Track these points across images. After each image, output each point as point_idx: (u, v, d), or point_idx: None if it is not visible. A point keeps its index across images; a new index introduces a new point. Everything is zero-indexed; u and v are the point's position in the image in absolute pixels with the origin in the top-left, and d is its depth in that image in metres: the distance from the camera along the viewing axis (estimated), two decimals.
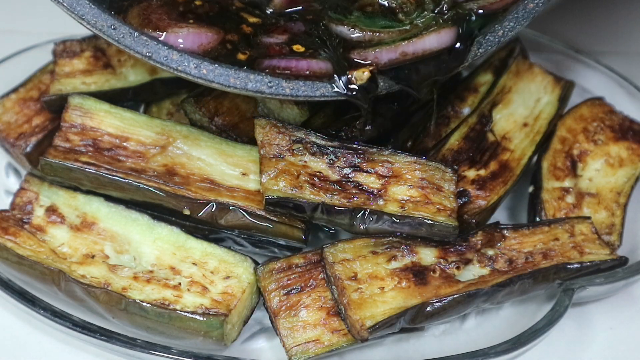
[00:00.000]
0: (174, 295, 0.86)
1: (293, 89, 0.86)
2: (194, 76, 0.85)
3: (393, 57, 0.88)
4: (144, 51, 0.84)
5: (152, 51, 0.84)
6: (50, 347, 0.91)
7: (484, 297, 0.87)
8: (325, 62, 0.88)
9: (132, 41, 0.83)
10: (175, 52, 0.84)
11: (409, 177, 0.92)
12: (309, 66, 0.87)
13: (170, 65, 0.84)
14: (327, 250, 0.87)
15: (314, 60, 0.88)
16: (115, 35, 0.83)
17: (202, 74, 0.85)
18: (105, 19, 0.83)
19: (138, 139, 0.95)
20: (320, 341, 0.86)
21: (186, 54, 0.84)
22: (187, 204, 0.91)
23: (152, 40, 0.84)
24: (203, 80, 0.85)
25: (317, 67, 0.88)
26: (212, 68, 0.85)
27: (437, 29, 0.89)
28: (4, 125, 1.04)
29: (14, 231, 0.92)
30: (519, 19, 0.92)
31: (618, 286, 0.94)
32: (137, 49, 0.84)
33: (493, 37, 0.92)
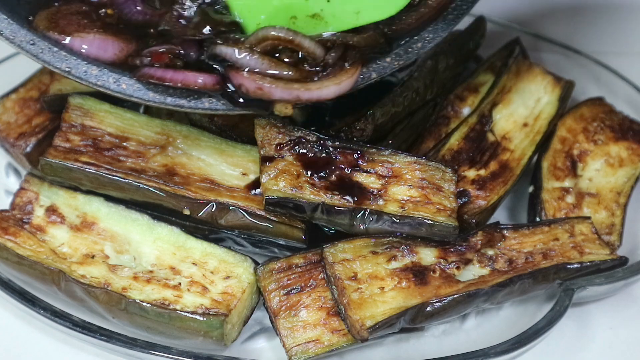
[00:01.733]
0: (174, 295, 0.86)
1: (193, 102, 0.85)
2: (113, 91, 0.85)
3: (286, 98, 0.84)
4: (63, 66, 0.84)
5: (71, 66, 0.84)
6: (50, 347, 0.91)
7: (484, 297, 0.87)
8: (210, 76, 0.85)
9: (51, 56, 0.84)
10: (95, 67, 0.84)
11: (409, 177, 0.92)
12: (184, 78, 0.84)
13: (90, 80, 0.84)
14: (327, 250, 0.87)
15: (191, 73, 0.85)
16: (34, 50, 0.84)
17: (122, 89, 0.85)
18: (24, 35, 0.84)
19: (138, 139, 0.95)
20: (320, 341, 0.86)
21: (105, 69, 0.84)
22: (187, 204, 0.91)
23: (71, 55, 0.84)
24: (123, 95, 0.85)
25: (194, 80, 0.85)
26: (131, 83, 0.85)
27: (338, 77, 0.84)
28: (4, 125, 1.04)
29: (14, 231, 0.92)
30: (438, 30, 0.92)
31: (618, 286, 0.94)
32: (56, 64, 0.84)
33: (412, 49, 0.91)
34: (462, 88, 1.09)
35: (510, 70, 1.10)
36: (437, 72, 1.06)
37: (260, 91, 0.82)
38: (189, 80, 0.84)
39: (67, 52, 0.84)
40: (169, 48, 0.85)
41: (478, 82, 1.10)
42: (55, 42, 0.84)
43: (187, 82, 0.84)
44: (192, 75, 0.84)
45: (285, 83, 0.83)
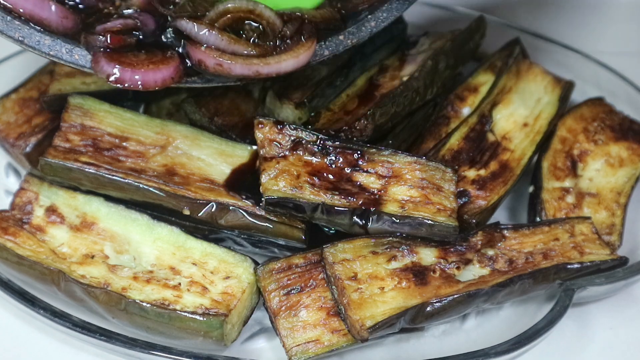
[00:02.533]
0: (174, 296, 0.86)
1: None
2: (66, 61, 0.85)
3: (246, 73, 0.85)
4: (16, 35, 0.84)
5: (24, 35, 0.84)
6: (50, 347, 0.91)
7: (484, 297, 0.87)
8: (168, 68, 0.85)
9: (5, 25, 0.84)
10: (48, 37, 0.85)
11: (409, 177, 0.92)
12: (144, 77, 0.84)
13: (42, 50, 0.85)
14: (327, 250, 0.87)
15: (151, 72, 0.84)
16: None
17: (74, 59, 0.85)
18: None
19: (138, 139, 0.95)
20: (320, 341, 0.86)
21: (59, 39, 0.85)
22: (187, 204, 0.91)
23: (24, 24, 0.84)
24: (75, 66, 0.85)
25: (156, 77, 0.85)
26: (84, 54, 0.85)
27: (296, 51, 0.86)
28: (4, 125, 1.04)
29: (14, 231, 0.92)
30: (392, 9, 0.94)
31: (618, 286, 0.94)
32: (9, 33, 0.84)
33: (366, 27, 0.93)
34: (462, 88, 1.09)
35: (511, 70, 1.10)
36: (437, 72, 1.06)
37: (220, 67, 0.83)
38: (149, 78, 0.84)
39: (5, 10, 0.84)
40: (124, 24, 0.85)
41: (478, 82, 1.10)
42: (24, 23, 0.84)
43: (148, 80, 0.84)
44: (152, 73, 0.84)
45: (244, 59, 0.84)
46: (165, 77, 0.84)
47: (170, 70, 0.84)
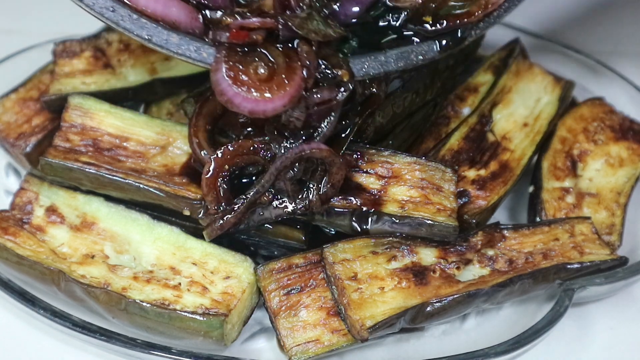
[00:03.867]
0: (174, 295, 0.86)
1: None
2: (194, 59, 0.83)
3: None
4: (144, 34, 0.82)
5: (152, 34, 0.82)
6: (50, 347, 0.91)
7: (484, 297, 0.87)
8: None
9: (132, 24, 0.82)
10: (175, 34, 0.82)
11: (409, 177, 0.92)
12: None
13: (170, 49, 0.82)
14: (327, 250, 0.87)
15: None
16: (114, 17, 0.82)
17: (202, 57, 0.82)
18: (104, 1, 0.82)
19: (138, 139, 0.95)
20: (320, 341, 0.86)
21: (186, 37, 0.82)
22: (187, 205, 0.91)
23: (151, 23, 0.82)
24: (203, 64, 0.83)
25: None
26: (212, 52, 0.82)
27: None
28: (4, 125, 1.04)
29: (14, 231, 0.92)
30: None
31: (618, 286, 0.94)
32: (137, 31, 0.82)
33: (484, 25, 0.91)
34: (462, 88, 1.09)
35: (510, 70, 1.10)
36: (437, 72, 1.06)
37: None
38: (259, 108, 0.80)
39: (133, 10, 0.81)
40: (263, 22, 0.80)
41: (478, 82, 1.10)
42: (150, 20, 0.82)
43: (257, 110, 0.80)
44: (263, 103, 0.80)
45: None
46: (277, 108, 0.80)
47: (284, 99, 0.80)
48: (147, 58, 1.08)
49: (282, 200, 0.87)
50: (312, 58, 0.80)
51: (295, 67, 0.80)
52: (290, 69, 0.80)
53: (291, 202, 0.86)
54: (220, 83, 0.79)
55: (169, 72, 1.07)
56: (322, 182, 0.86)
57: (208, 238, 0.87)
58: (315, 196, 0.86)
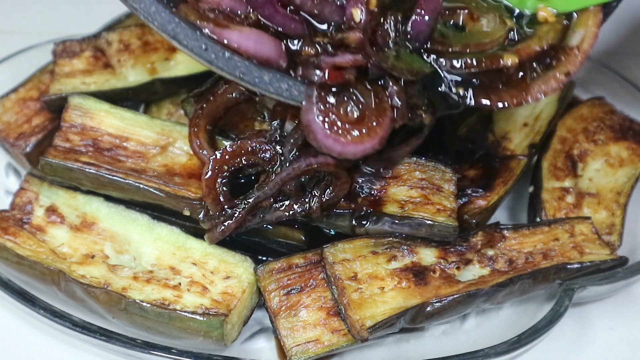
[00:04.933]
0: (174, 295, 0.86)
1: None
2: (285, 97, 0.80)
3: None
4: (237, 72, 0.79)
5: (244, 72, 0.79)
6: (50, 347, 0.91)
7: (484, 297, 0.87)
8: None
9: (225, 63, 0.79)
10: (265, 72, 0.79)
11: (409, 177, 0.92)
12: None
13: (262, 87, 0.80)
14: (327, 250, 0.87)
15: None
16: (206, 56, 0.79)
17: (294, 96, 0.79)
18: (197, 39, 0.79)
19: (138, 139, 0.95)
20: (320, 341, 0.86)
21: (277, 74, 0.79)
22: (187, 205, 0.91)
23: (243, 60, 0.79)
24: (294, 102, 0.80)
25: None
26: (302, 90, 0.79)
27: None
28: (4, 125, 1.04)
29: (14, 231, 0.92)
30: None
31: (618, 286, 0.94)
32: (230, 70, 0.79)
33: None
34: None
35: None
36: None
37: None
38: (349, 150, 0.78)
39: (225, 48, 0.79)
40: (354, 61, 0.78)
41: None
42: (211, 35, 0.79)
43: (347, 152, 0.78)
44: (353, 146, 0.78)
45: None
46: (367, 150, 0.79)
47: (373, 141, 0.78)
48: (147, 58, 1.08)
49: (282, 204, 0.87)
50: (402, 98, 0.78)
51: (386, 107, 0.78)
52: (379, 109, 0.78)
53: (292, 206, 0.86)
54: (311, 124, 0.77)
55: (169, 72, 1.07)
56: (326, 192, 0.86)
57: (209, 243, 0.87)
58: (317, 204, 0.86)
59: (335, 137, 0.77)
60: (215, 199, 0.86)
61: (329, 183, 0.86)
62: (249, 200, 0.85)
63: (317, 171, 0.85)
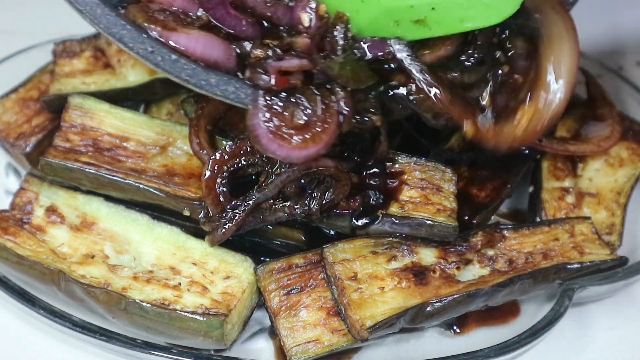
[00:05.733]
0: (174, 295, 0.86)
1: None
2: (232, 100, 0.81)
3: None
4: (182, 75, 0.80)
5: (190, 75, 0.80)
6: (50, 347, 0.91)
7: (484, 297, 0.87)
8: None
9: (170, 66, 0.80)
10: (213, 75, 0.80)
11: (409, 177, 0.92)
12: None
13: (209, 90, 0.81)
14: (327, 251, 0.87)
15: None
16: (152, 58, 0.80)
17: (241, 98, 0.80)
18: (142, 42, 0.80)
19: (138, 139, 0.95)
20: (320, 341, 0.86)
21: (225, 77, 0.80)
22: (187, 205, 0.91)
23: (190, 64, 0.80)
24: (241, 105, 0.81)
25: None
26: (250, 92, 0.80)
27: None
28: (4, 125, 1.04)
29: (14, 231, 0.92)
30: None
31: (618, 286, 0.94)
32: (176, 73, 0.80)
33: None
34: None
35: None
36: None
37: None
38: (293, 154, 0.79)
39: (172, 51, 0.79)
40: (301, 65, 0.78)
41: None
42: (158, 38, 0.80)
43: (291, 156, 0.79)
44: (297, 151, 0.79)
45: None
46: (310, 155, 0.79)
47: (318, 146, 0.79)
48: None
49: (282, 205, 0.87)
50: (349, 104, 0.79)
51: (332, 112, 0.79)
52: (326, 114, 0.79)
53: (292, 207, 0.86)
54: (256, 129, 0.78)
55: None
56: (326, 194, 0.86)
57: (210, 245, 0.87)
58: (316, 206, 0.86)
59: (279, 142, 0.78)
60: (215, 199, 0.86)
61: (329, 185, 0.86)
62: (249, 202, 0.85)
63: (316, 174, 0.85)
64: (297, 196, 0.86)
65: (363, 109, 0.81)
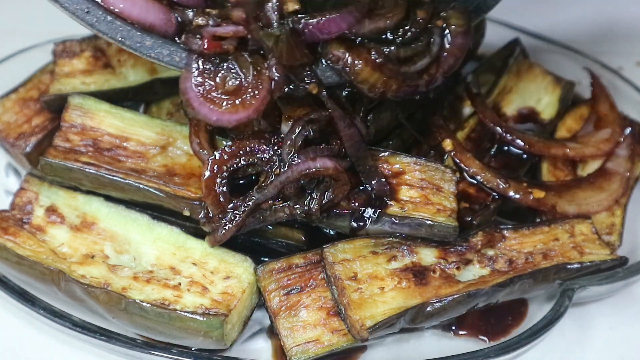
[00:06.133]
0: (174, 296, 0.86)
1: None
2: (166, 63, 0.84)
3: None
4: (118, 37, 0.83)
5: (125, 37, 0.83)
6: (50, 347, 0.91)
7: (484, 297, 0.87)
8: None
9: (106, 26, 0.83)
10: (148, 38, 0.83)
11: (409, 177, 0.92)
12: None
13: (144, 52, 0.84)
14: (327, 251, 0.87)
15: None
16: (88, 19, 0.82)
17: (175, 61, 0.83)
18: (78, 2, 0.82)
19: (138, 139, 0.95)
20: (320, 341, 0.86)
21: (160, 40, 0.83)
22: (187, 205, 0.91)
23: (126, 26, 0.83)
24: (175, 68, 0.84)
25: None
26: (184, 56, 0.83)
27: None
28: (4, 125, 1.04)
29: (14, 231, 0.92)
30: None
31: (618, 286, 0.94)
32: (111, 34, 0.83)
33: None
34: (462, 88, 1.09)
35: (511, 70, 1.10)
36: None
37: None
38: (224, 118, 0.82)
39: (107, 12, 0.82)
40: (236, 31, 0.81)
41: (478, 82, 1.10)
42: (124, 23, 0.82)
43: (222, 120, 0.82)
44: (228, 115, 0.82)
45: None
46: (241, 119, 0.82)
47: (248, 111, 0.81)
48: None
49: (282, 205, 0.87)
50: (280, 72, 0.81)
51: (263, 79, 0.81)
52: (257, 80, 0.81)
53: (292, 207, 0.86)
54: (188, 92, 0.81)
55: (169, 72, 1.06)
56: (325, 194, 0.86)
57: (211, 246, 0.87)
58: (316, 206, 0.86)
59: (210, 105, 0.81)
60: (215, 199, 0.86)
61: (328, 185, 0.86)
62: (248, 203, 0.85)
63: (316, 175, 0.85)
64: (296, 196, 0.86)
65: (299, 78, 0.82)
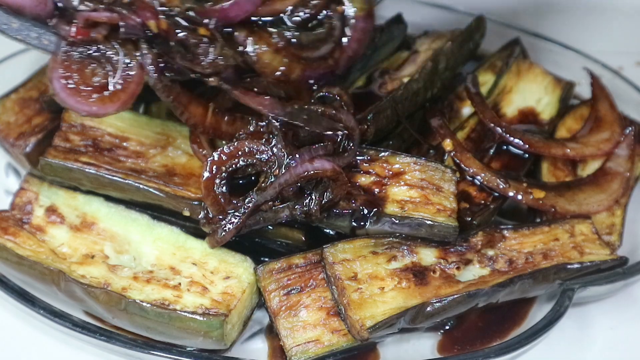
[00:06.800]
0: (174, 296, 0.86)
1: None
2: (34, 46, 0.83)
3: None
4: None
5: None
6: (50, 347, 0.91)
7: (484, 297, 0.87)
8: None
9: None
10: (15, 20, 0.82)
11: (409, 177, 0.92)
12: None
13: (9, 34, 0.82)
14: (327, 251, 0.87)
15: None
16: None
17: (44, 45, 0.82)
18: None
19: (138, 139, 0.95)
20: (320, 341, 0.86)
21: (28, 22, 0.82)
22: (187, 205, 0.91)
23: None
24: (45, 52, 0.83)
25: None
26: (54, 40, 0.82)
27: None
28: (4, 125, 1.04)
29: (14, 231, 0.92)
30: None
31: (618, 286, 0.94)
32: None
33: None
34: (462, 88, 1.09)
35: (511, 70, 1.10)
36: (437, 72, 1.06)
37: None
38: (85, 109, 0.81)
39: None
40: (110, 18, 0.79)
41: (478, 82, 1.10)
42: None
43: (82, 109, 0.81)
44: (87, 107, 0.81)
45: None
46: (109, 112, 0.82)
47: (115, 105, 0.81)
48: None
49: (282, 206, 0.87)
50: (154, 62, 0.80)
51: (134, 71, 0.80)
52: (127, 72, 0.80)
53: (292, 207, 0.86)
54: (54, 82, 0.80)
55: None
56: (325, 195, 0.86)
57: (211, 247, 0.87)
58: (316, 206, 0.86)
59: (77, 98, 0.79)
60: (214, 200, 0.86)
61: (327, 185, 0.86)
62: (248, 204, 0.85)
63: (314, 177, 0.85)
64: (296, 197, 0.86)
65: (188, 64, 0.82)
